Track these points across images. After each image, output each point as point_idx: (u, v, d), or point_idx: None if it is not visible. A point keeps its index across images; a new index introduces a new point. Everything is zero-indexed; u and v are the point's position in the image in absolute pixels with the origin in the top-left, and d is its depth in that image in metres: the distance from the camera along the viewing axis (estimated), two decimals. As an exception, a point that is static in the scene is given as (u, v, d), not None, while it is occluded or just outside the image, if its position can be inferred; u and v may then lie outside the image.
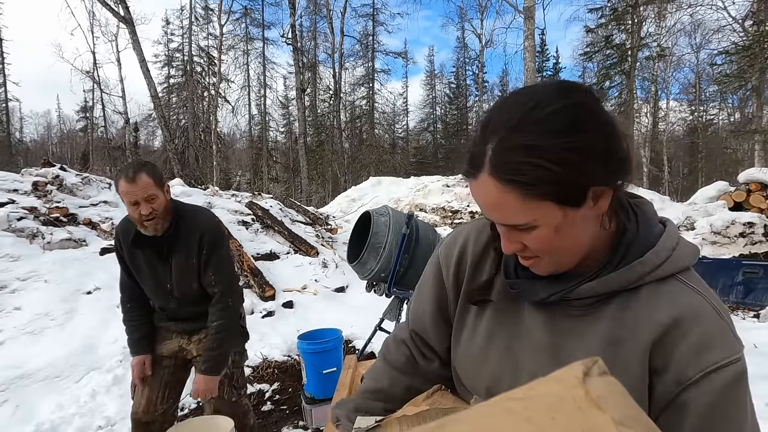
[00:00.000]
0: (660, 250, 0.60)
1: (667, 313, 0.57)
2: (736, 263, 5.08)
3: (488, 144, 0.54)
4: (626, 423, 0.29)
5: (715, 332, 0.56)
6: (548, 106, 0.52)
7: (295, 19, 15.38)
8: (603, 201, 0.56)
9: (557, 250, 0.59)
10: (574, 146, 0.51)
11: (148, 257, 1.75)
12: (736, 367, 0.55)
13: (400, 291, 2.84)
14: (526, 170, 0.52)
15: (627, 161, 0.56)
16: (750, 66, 11.36)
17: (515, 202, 0.54)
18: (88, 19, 23.12)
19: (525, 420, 0.29)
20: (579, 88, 0.55)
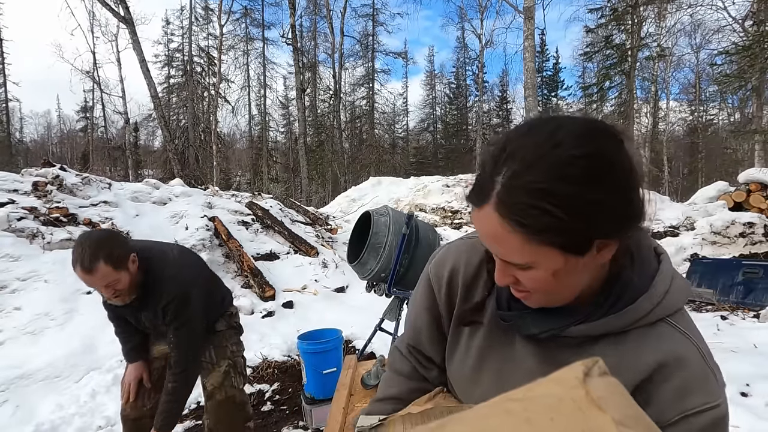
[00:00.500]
0: (653, 295, 0.59)
1: (653, 357, 0.58)
2: (736, 263, 5.08)
3: (499, 176, 0.51)
4: (626, 423, 0.29)
5: (698, 377, 0.57)
6: (571, 150, 0.49)
7: (295, 19, 15.38)
8: (607, 252, 0.54)
9: (551, 291, 0.58)
10: (588, 198, 0.49)
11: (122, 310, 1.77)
12: (715, 412, 0.55)
13: (400, 291, 2.84)
14: (534, 214, 0.49)
15: (639, 213, 0.54)
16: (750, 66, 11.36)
17: (517, 243, 0.52)
18: (88, 19, 23.15)
19: (525, 421, 0.29)
20: (607, 133, 0.52)
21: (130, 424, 1.88)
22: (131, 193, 5.81)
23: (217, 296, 2.00)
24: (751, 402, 2.42)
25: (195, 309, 1.73)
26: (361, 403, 1.28)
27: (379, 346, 3.39)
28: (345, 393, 1.32)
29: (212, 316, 1.95)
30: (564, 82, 29.65)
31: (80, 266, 1.48)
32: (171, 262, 1.74)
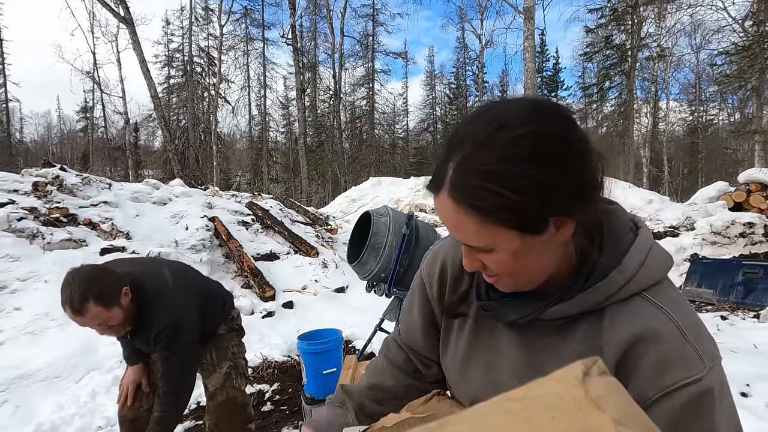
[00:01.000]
0: (625, 268, 0.58)
1: (628, 333, 0.57)
2: (736, 263, 5.08)
3: (450, 162, 0.53)
4: (626, 422, 0.29)
5: (674, 352, 0.55)
6: (514, 129, 0.50)
7: (295, 19, 15.39)
8: (565, 229, 0.54)
9: (516, 273, 0.58)
10: (535, 177, 0.49)
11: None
12: (696, 387, 0.53)
13: (400, 291, 2.84)
14: (484, 196, 0.50)
15: (596, 189, 0.55)
16: (750, 66, 11.36)
17: (473, 225, 0.53)
18: (89, 20, 23.16)
19: (524, 420, 0.29)
20: (552, 111, 0.53)
21: (127, 425, 1.88)
22: (131, 194, 5.81)
23: (218, 302, 1.97)
24: (752, 403, 2.42)
25: (187, 338, 1.69)
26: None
27: (379, 345, 3.39)
28: (345, 393, 1.32)
29: (213, 323, 1.93)
30: (564, 83, 29.64)
31: (70, 308, 1.45)
32: (164, 289, 1.67)
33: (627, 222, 0.63)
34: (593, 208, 0.55)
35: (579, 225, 0.55)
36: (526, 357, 0.65)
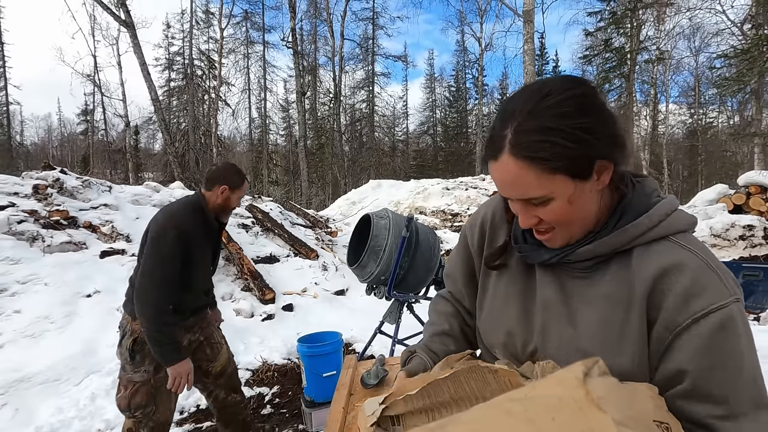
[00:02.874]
0: (653, 214, 0.65)
1: (656, 266, 0.62)
2: (735, 266, 5.08)
3: (508, 128, 0.61)
4: (626, 423, 0.29)
5: (701, 280, 0.60)
6: (559, 95, 0.60)
7: (296, 22, 15.43)
8: (605, 175, 0.63)
9: (570, 220, 0.66)
10: (583, 126, 0.59)
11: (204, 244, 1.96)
12: (722, 312, 0.58)
13: (400, 294, 2.84)
14: (545, 147, 0.59)
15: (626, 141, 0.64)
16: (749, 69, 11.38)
17: (534, 178, 0.61)
18: (89, 23, 23.25)
19: (526, 421, 0.29)
20: (583, 81, 0.64)
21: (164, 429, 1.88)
22: (131, 196, 5.82)
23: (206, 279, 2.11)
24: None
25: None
26: (361, 403, 1.28)
27: (379, 348, 3.39)
28: (345, 393, 1.32)
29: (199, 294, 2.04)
30: (563, 85, 29.66)
31: (246, 182, 2.03)
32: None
33: (656, 188, 0.72)
34: (626, 155, 0.65)
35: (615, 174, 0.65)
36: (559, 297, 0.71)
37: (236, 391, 2.19)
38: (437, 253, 2.93)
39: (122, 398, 1.79)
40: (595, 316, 0.66)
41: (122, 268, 4.31)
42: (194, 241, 1.82)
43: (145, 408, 1.79)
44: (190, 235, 1.79)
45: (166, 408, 1.86)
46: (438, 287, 3.04)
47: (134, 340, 1.82)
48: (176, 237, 1.75)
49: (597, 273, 0.68)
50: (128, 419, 1.81)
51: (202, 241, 1.88)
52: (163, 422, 1.85)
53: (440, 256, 3.02)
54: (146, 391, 1.79)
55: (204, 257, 1.95)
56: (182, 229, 1.78)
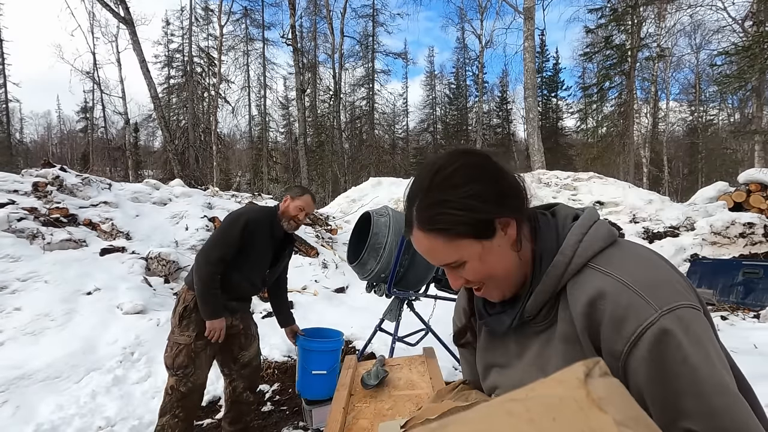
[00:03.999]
0: (565, 248, 0.68)
1: (582, 302, 0.64)
2: (736, 264, 5.08)
3: (413, 208, 0.70)
4: (627, 424, 0.29)
5: (622, 304, 0.60)
6: (447, 168, 0.67)
7: (295, 19, 15.38)
8: (510, 229, 0.69)
9: (491, 275, 0.71)
10: (471, 193, 0.65)
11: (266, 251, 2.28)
12: (653, 329, 0.58)
13: (400, 291, 2.84)
14: (442, 219, 0.66)
15: (520, 195, 0.70)
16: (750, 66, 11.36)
17: (441, 245, 0.68)
18: (89, 20, 23.18)
19: (527, 421, 0.29)
20: (470, 152, 0.71)
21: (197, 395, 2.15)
22: (131, 194, 5.81)
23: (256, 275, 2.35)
24: (752, 402, 2.42)
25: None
26: (361, 403, 1.28)
27: (379, 346, 3.39)
28: (345, 393, 1.32)
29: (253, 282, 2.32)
30: (564, 83, 29.65)
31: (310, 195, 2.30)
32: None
33: (569, 214, 0.75)
34: (522, 206, 0.70)
35: (520, 224, 0.70)
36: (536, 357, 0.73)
37: (252, 390, 2.41)
38: (437, 251, 2.92)
39: (168, 357, 2.10)
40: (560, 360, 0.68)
41: (122, 265, 4.32)
42: (257, 235, 2.16)
43: (186, 368, 2.07)
44: (255, 228, 2.15)
45: (203, 373, 2.13)
46: (438, 285, 3.05)
47: (185, 307, 2.12)
48: (244, 225, 2.11)
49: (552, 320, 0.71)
50: (171, 377, 2.09)
51: (264, 239, 2.21)
52: (199, 384, 2.12)
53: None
54: (187, 353, 2.08)
55: (262, 253, 2.24)
56: (251, 220, 2.14)
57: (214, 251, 2.09)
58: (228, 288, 2.15)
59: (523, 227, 0.71)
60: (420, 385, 1.35)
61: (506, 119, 31.54)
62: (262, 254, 2.25)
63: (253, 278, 2.26)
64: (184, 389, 2.08)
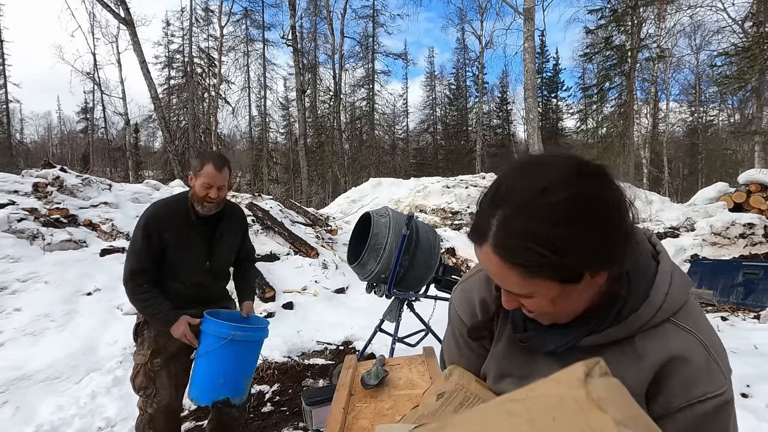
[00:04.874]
0: (653, 301, 0.62)
1: (660, 357, 0.62)
2: (736, 264, 5.08)
3: (494, 218, 0.56)
4: (627, 424, 0.29)
5: (702, 370, 0.61)
6: (556, 193, 0.53)
7: (296, 20, 15.40)
8: (599, 278, 0.59)
9: (553, 314, 0.64)
10: (573, 238, 0.53)
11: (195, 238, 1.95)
12: (717, 400, 0.60)
13: (400, 292, 2.84)
14: (525, 255, 0.54)
15: (628, 241, 0.58)
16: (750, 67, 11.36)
17: (516, 278, 0.58)
18: (89, 21, 23.18)
19: (527, 421, 0.29)
20: (591, 174, 0.56)
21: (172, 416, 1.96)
22: (131, 194, 5.81)
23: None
24: (752, 403, 2.42)
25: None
26: (361, 403, 1.28)
27: (379, 346, 3.39)
28: (345, 393, 1.32)
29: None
30: (564, 83, 29.67)
31: (212, 163, 1.83)
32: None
33: (648, 250, 0.68)
34: (625, 258, 0.59)
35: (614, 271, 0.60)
36: None
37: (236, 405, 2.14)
38: (437, 252, 2.93)
39: (131, 378, 1.95)
40: None
41: (122, 266, 4.31)
42: (168, 232, 1.86)
43: (146, 389, 1.89)
44: (161, 225, 1.85)
45: (167, 393, 1.90)
46: (438, 285, 3.04)
47: (137, 324, 1.97)
48: (143, 227, 1.85)
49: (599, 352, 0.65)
50: (139, 398, 1.94)
51: (181, 233, 1.88)
52: (165, 405, 1.90)
53: (440, 254, 3.02)
54: (145, 373, 1.90)
55: (187, 248, 1.91)
56: (151, 218, 1.86)
57: (127, 265, 1.86)
58: (172, 299, 1.87)
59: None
60: (420, 385, 1.34)
61: (506, 120, 31.55)
62: (187, 249, 1.90)
63: (191, 279, 1.94)
64: (150, 411, 1.89)
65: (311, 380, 3.30)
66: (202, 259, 1.96)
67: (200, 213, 1.89)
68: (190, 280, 1.95)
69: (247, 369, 1.95)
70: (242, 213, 2.21)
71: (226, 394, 1.81)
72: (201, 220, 1.92)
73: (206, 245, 1.96)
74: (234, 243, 2.11)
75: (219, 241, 2.01)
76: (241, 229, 2.17)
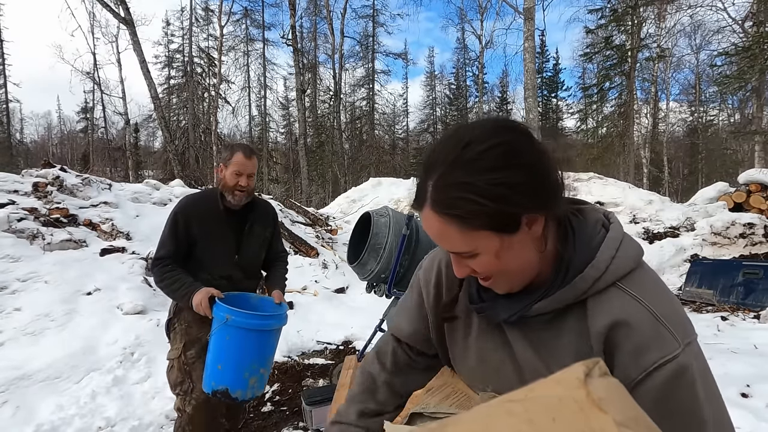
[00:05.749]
0: (598, 262, 0.63)
1: (606, 321, 0.61)
2: (736, 264, 5.08)
3: (429, 181, 0.60)
4: (627, 424, 0.29)
5: (648, 335, 0.59)
6: (478, 145, 0.57)
7: (296, 20, 15.40)
8: (536, 226, 0.61)
9: (503, 272, 0.64)
10: (501, 182, 0.56)
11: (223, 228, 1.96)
12: (673, 365, 0.58)
13: (400, 292, 2.84)
14: (461, 205, 0.57)
15: (557, 189, 0.62)
16: (750, 67, 11.36)
17: (455, 233, 0.60)
18: (89, 21, 23.15)
19: (527, 421, 0.29)
20: (511, 127, 0.61)
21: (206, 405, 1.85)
22: (131, 194, 5.81)
23: None
24: (752, 403, 2.42)
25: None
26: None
27: (380, 346, 3.39)
28: (345, 392, 1.32)
29: None
30: (564, 83, 29.70)
31: (242, 152, 1.88)
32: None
33: (598, 219, 0.69)
34: (556, 204, 0.62)
35: (548, 222, 0.62)
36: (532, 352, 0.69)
37: None
38: (437, 251, 2.92)
39: (167, 375, 1.92)
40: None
41: (122, 265, 4.31)
42: (195, 225, 1.88)
43: (182, 384, 1.86)
44: (190, 219, 1.88)
45: None
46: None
47: (168, 320, 1.96)
48: (173, 222, 1.87)
49: (557, 323, 0.66)
50: (177, 398, 1.90)
51: (210, 226, 1.91)
52: (204, 401, 1.83)
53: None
54: (179, 367, 1.88)
55: (217, 242, 1.92)
56: (180, 212, 1.88)
57: (155, 255, 1.89)
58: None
59: (550, 224, 0.64)
60: (420, 386, 1.34)
61: (506, 120, 31.54)
62: (216, 243, 1.92)
63: (220, 271, 1.93)
64: (189, 409, 1.82)
65: (311, 380, 3.31)
66: (232, 252, 1.97)
67: (231, 204, 1.91)
68: (220, 272, 1.94)
69: (248, 361, 1.75)
70: (274, 210, 2.19)
71: (225, 384, 1.72)
72: (230, 213, 1.95)
73: (236, 238, 1.97)
74: (263, 239, 2.09)
75: (248, 234, 2.01)
76: (271, 225, 2.14)
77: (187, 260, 1.91)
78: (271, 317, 1.82)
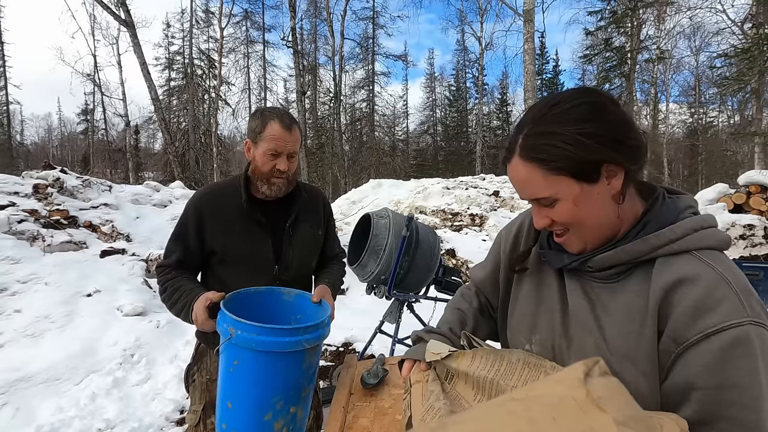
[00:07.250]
0: (678, 228, 0.64)
1: (668, 279, 0.60)
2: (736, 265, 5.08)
3: (520, 134, 0.67)
4: (627, 423, 0.29)
5: (715, 295, 0.57)
6: (567, 103, 0.64)
7: (296, 22, 15.41)
8: (616, 181, 0.64)
9: (580, 222, 0.67)
10: (586, 132, 0.61)
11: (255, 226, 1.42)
12: (737, 330, 0.54)
13: (400, 293, 2.84)
14: (546, 149, 0.63)
15: (639, 148, 0.65)
16: (749, 69, 11.38)
17: (540, 178, 0.65)
18: (89, 23, 23.20)
19: (527, 420, 0.29)
20: (594, 91, 0.66)
21: None
22: (132, 196, 5.82)
23: None
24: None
25: None
26: (361, 403, 1.28)
27: (380, 348, 3.39)
28: (345, 392, 1.32)
29: None
30: (564, 85, 29.68)
31: (279, 121, 1.32)
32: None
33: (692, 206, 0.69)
34: (637, 160, 0.65)
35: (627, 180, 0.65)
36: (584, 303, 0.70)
37: None
38: (437, 253, 2.93)
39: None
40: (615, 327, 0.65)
41: (122, 267, 4.31)
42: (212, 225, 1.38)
43: None
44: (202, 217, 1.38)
45: None
46: (438, 287, 3.04)
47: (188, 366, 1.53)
48: (182, 217, 1.42)
49: (620, 283, 0.67)
50: None
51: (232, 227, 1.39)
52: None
53: (440, 255, 3.02)
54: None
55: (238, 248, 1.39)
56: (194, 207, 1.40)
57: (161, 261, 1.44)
58: None
59: (631, 184, 0.66)
60: (420, 387, 1.34)
61: (506, 121, 31.55)
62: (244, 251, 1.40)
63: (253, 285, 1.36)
64: None
65: (311, 381, 3.30)
66: (268, 263, 1.42)
67: (267, 195, 1.40)
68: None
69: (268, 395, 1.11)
70: (325, 199, 1.65)
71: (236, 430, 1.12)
72: (264, 208, 1.42)
73: (273, 243, 1.43)
74: (313, 240, 1.53)
75: (292, 236, 1.46)
76: (324, 221, 1.60)
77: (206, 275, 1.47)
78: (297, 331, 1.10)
